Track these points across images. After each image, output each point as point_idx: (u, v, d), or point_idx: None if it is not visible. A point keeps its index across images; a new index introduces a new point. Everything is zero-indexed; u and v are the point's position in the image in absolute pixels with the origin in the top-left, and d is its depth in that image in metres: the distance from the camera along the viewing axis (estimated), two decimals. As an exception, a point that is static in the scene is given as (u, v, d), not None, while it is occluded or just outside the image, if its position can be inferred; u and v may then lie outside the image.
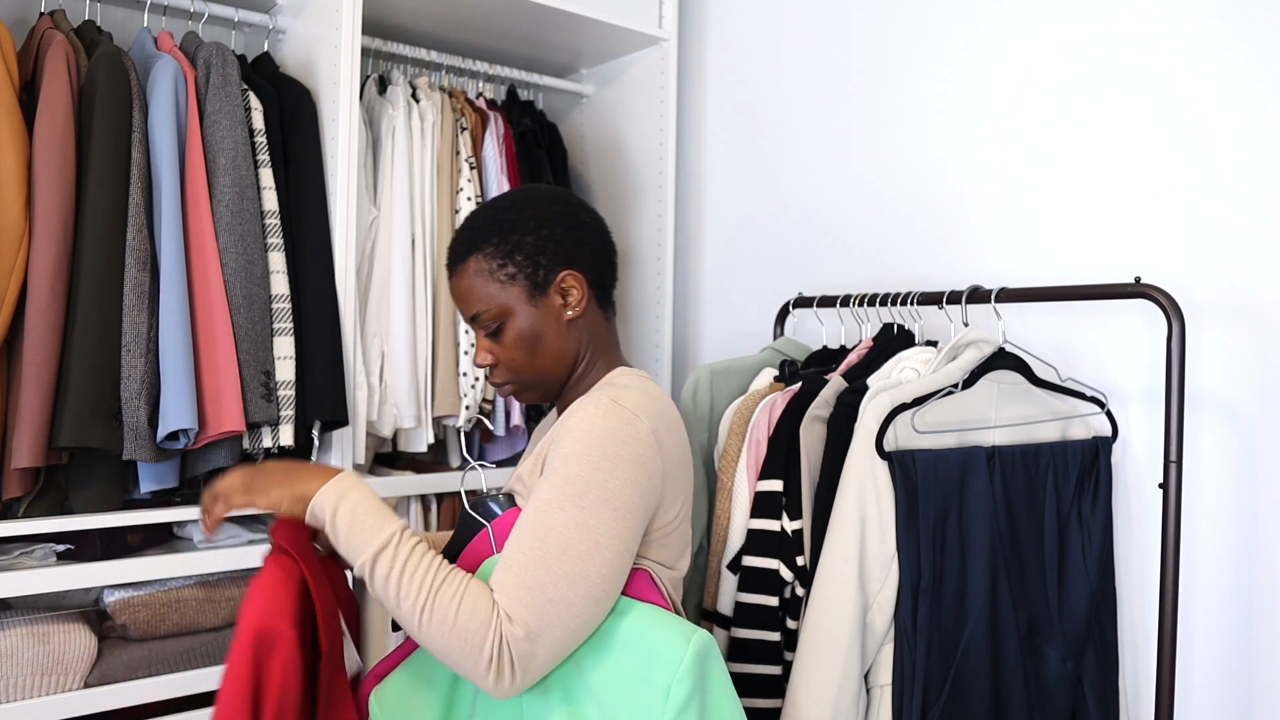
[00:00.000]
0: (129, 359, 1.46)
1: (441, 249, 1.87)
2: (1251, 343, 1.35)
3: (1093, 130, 1.52)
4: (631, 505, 1.01)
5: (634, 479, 1.01)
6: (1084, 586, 1.37)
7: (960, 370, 1.32)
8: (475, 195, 1.90)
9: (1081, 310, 1.53)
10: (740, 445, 1.42)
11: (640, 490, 1.02)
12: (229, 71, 1.63)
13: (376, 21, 1.99)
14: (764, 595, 1.32)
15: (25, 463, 1.39)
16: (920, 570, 1.22)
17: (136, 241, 1.48)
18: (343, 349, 1.67)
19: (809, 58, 2.00)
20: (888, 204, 1.84)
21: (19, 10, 1.75)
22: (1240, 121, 1.36)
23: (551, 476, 1.01)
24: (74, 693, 1.45)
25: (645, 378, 1.14)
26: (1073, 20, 1.55)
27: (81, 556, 1.50)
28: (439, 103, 1.90)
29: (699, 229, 2.27)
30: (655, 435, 1.04)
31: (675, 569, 1.13)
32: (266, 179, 1.65)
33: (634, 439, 1.02)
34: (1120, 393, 1.48)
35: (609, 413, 1.03)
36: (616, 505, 1.00)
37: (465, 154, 1.91)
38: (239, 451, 1.58)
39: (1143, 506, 1.46)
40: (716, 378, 1.55)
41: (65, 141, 1.46)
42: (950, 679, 1.23)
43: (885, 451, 1.23)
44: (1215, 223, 1.39)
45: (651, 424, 1.04)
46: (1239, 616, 1.36)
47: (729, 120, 2.19)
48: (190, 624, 1.57)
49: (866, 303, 1.63)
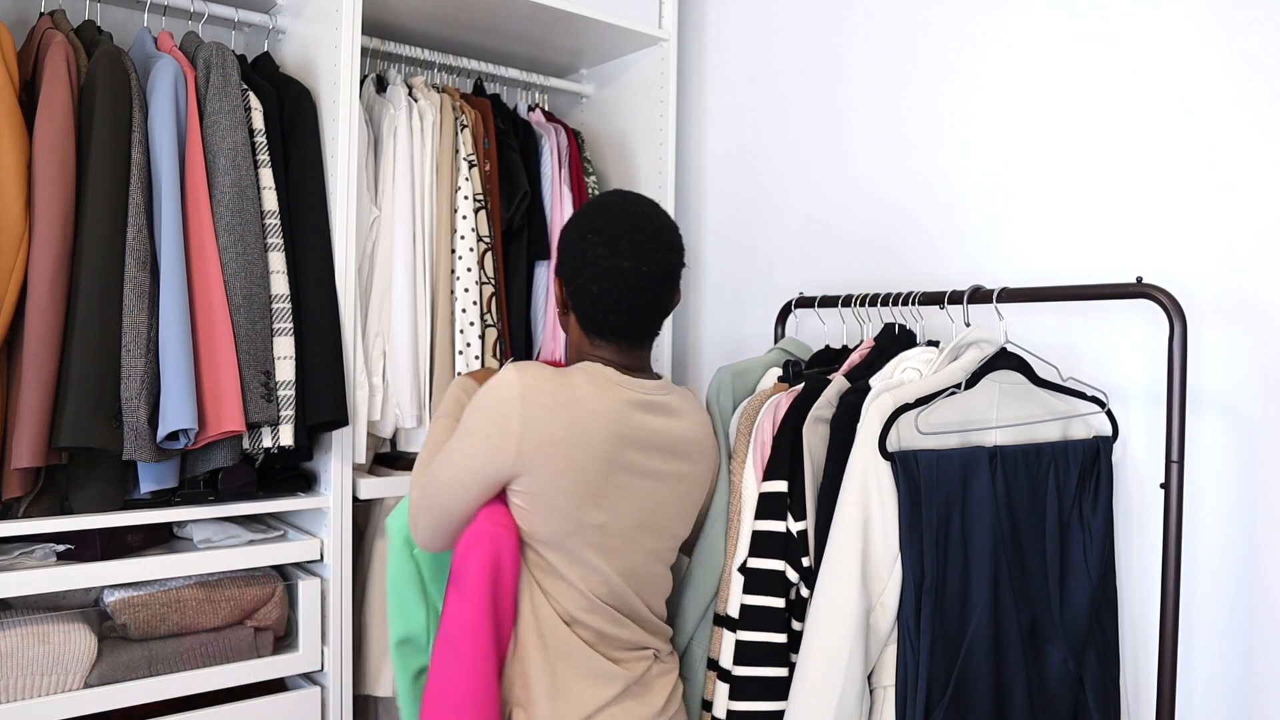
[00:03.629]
0: (129, 359, 1.45)
1: (442, 248, 1.87)
2: (1253, 343, 1.35)
3: (1094, 130, 1.52)
4: (477, 448, 1.21)
5: (485, 429, 1.21)
6: (1085, 586, 1.37)
7: (962, 370, 1.32)
8: (474, 194, 1.90)
9: (1083, 310, 1.53)
10: (746, 446, 1.42)
11: (488, 439, 1.21)
12: (229, 71, 1.63)
13: (376, 21, 1.99)
14: (769, 597, 1.32)
15: (25, 463, 1.39)
16: (923, 571, 1.22)
17: (136, 241, 1.48)
18: (343, 349, 1.67)
19: (809, 57, 2.00)
20: (889, 203, 1.84)
21: (19, 10, 1.75)
22: (1242, 121, 1.36)
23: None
24: (74, 693, 1.45)
25: (582, 371, 1.25)
26: (1074, 20, 1.55)
27: (81, 556, 1.50)
28: (438, 102, 1.90)
29: (699, 229, 2.27)
30: (523, 403, 1.19)
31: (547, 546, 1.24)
32: (266, 179, 1.65)
33: (498, 399, 1.20)
34: (1122, 393, 1.48)
35: (496, 378, 1.23)
36: (466, 444, 1.23)
37: (464, 152, 1.91)
38: (239, 451, 1.58)
39: (1144, 506, 1.46)
40: (736, 379, 1.54)
41: (65, 141, 1.46)
42: (954, 680, 1.23)
43: (888, 452, 1.23)
44: (1217, 223, 1.39)
45: (523, 394, 1.20)
46: (1240, 616, 1.36)
47: (729, 120, 2.19)
48: (190, 624, 1.56)
49: (868, 303, 1.63)
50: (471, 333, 1.85)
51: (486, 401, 1.21)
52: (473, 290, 1.86)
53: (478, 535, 1.23)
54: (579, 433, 1.20)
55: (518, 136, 2.07)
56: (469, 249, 1.87)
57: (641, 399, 1.26)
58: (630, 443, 1.24)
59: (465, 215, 1.88)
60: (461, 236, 1.87)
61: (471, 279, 1.86)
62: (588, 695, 1.24)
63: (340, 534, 1.68)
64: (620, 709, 1.26)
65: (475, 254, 1.87)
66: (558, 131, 2.11)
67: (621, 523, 1.26)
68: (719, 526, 1.42)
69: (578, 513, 1.22)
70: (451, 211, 1.90)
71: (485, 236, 1.91)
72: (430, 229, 1.87)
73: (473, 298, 1.86)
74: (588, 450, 1.21)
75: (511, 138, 2.05)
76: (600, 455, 1.21)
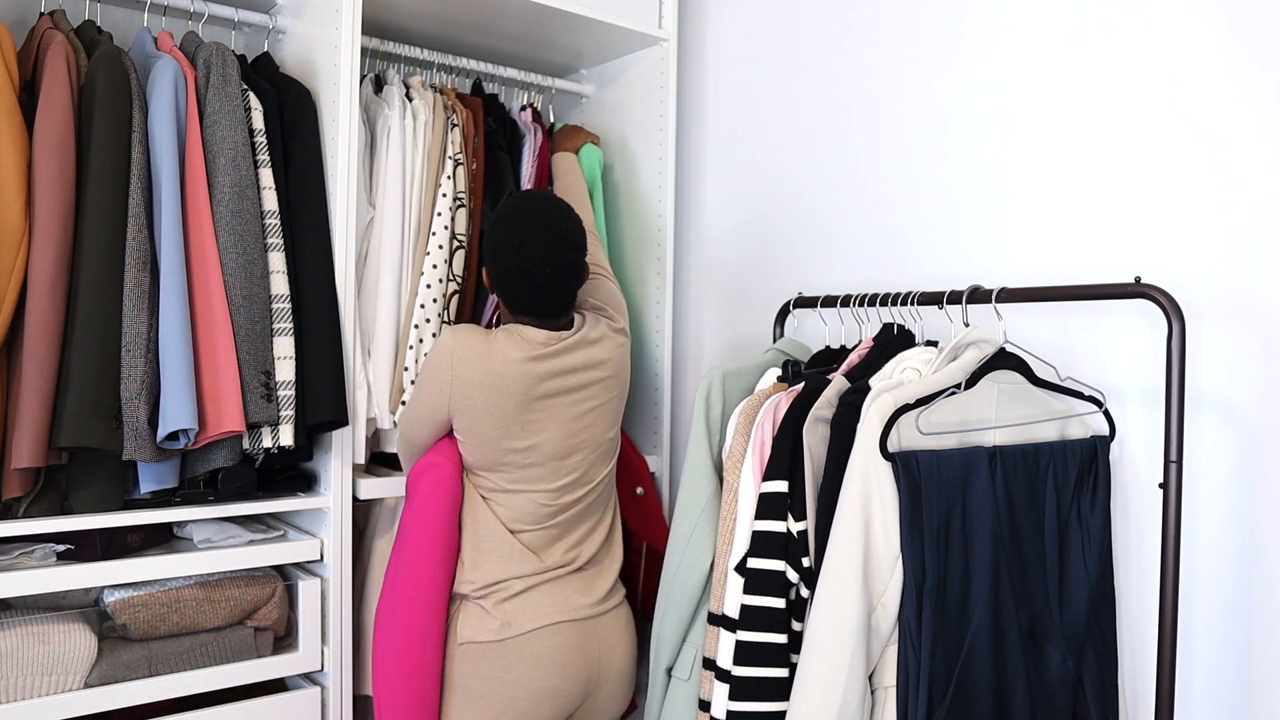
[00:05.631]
0: (129, 359, 1.45)
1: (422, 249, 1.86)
2: (1252, 343, 1.35)
3: (1093, 130, 1.53)
4: (426, 393, 1.59)
5: (429, 377, 1.59)
6: (1084, 586, 1.37)
7: (961, 370, 1.33)
8: (454, 193, 1.89)
9: (1082, 310, 1.53)
10: (745, 446, 1.42)
11: (432, 384, 1.58)
12: (229, 71, 1.63)
13: (376, 21, 1.99)
14: (770, 597, 1.32)
15: (25, 463, 1.39)
16: (924, 571, 1.22)
17: (136, 241, 1.48)
18: (343, 349, 1.67)
19: (809, 57, 2.00)
20: (888, 203, 1.84)
21: (19, 10, 1.75)
22: (1241, 121, 1.37)
23: None
24: (74, 693, 1.45)
25: (504, 330, 1.58)
26: (1074, 19, 1.55)
27: (81, 556, 1.50)
28: (431, 101, 1.90)
29: (699, 229, 2.27)
30: (452, 357, 1.55)
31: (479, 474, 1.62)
32: (266, 179, 1.65)
33: (437, 354, 1.57)
34: (1120, 393, 1.48)
35: (439, 339, 1.60)
36: (419, 391, 1.61)
37: (451, 152, 1.90)
38: (239, 451, 1.58)
39: (1143, 506, 1.46)
40: (729, 379, 1.55)
41: (65, 141, 1.46)
42: (955, 679, 1.23)
43: (889, 452, 1.23)
44: (1216, 223, 1.39)
45: (453, 350, 1.55)
46: (1239, 616, 1.37)
47: (729, 120, 2.19)
48: (190, 624, 1.57)
49: (867, 303, 1.64)
50: (426, 329, 1.82)
51: (431, 357, 1.59)
52: (435, 288, 1.84)
53: (423, 464, 1.62)
54: (495, 376, 1.54)
55: (506, 135, 2.08)
56: (439, 247, 1.85)
57: (551, 349, 1.57)
58: (543, 378, 1.56)
59: (441, 213, 1.86)
60: (434, 234, 1.85)
61: (435, 276, 1.84)
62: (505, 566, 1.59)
63: (340, 534, 1.68)
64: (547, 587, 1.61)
65: (445, 253, 1.86)
66: (537, 131, 2.10)
67: (551, 440, 1.59)
68: (685, 525, 1.44)
69: (503, 440, 1.57)
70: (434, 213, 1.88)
71: (461, 235, 1.89)
72: (415, 229, 1.86)
73: (434, 295, 1.84)
74: (503, 390, 1.54)
75: (500, 137, 2.05)
76: (516, 392, 1.55)
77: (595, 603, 1.64)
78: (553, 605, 1.59)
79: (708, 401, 1.52)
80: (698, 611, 1.47)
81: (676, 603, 1.47)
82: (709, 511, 1.46)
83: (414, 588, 1.57)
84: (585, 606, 1.63)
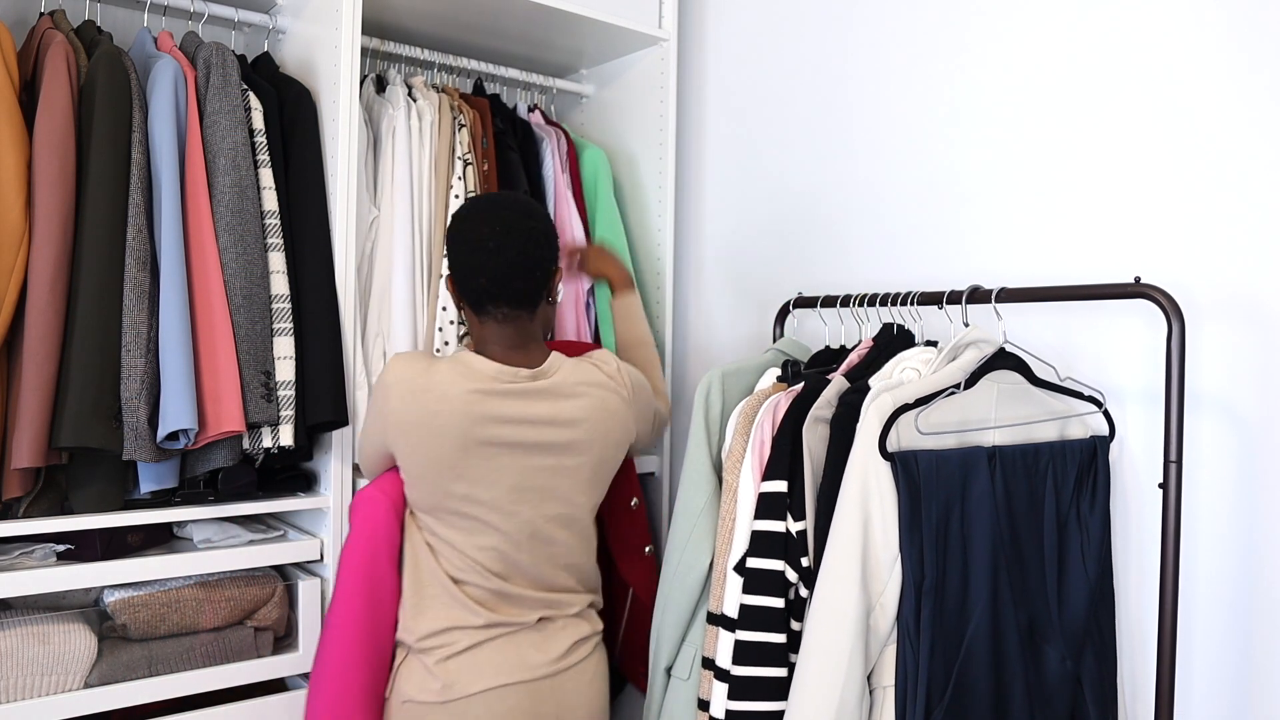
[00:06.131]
0: (129, 359, 1.45)
1: (438, 249, 1.87)
2: (1251, 343, 1.35)
3: (1093, 130, 1.52)
4: (370, 422, 1.47)
5: (372, 408, 1.47)
6: (1083, 586, 1.37)
7: (961, 370, 1.33)
8: (466, 193, 1.89)
9: (1081, 310, 1.53)
10: (744, 446, 1.42)
11: (372, 417, 1.46)
12: (229, 71, 1.63)
13: (376, 21, 1.99)
14: (769, 597, 1.32)
15: (25, 463, 1.39)
16: (923, 571, 1.22)
17: (136, 241, 1.48)
18: (343, 349, 1.67)
19: (809, 57, 2.00)
20: (888, 203, 1.84)
21: (19, 10, 1.75)
22: (1241, 121, 1.37)
23: None
24: (74, 693, 1.45)
25: (451, 360, 1.43)
26: (1074, 19, 1.55)
27: (81, 556, 1.50)
28: (436, 101, 1.90)
29: (699, 229, 2.27)
30: (390, 390, 1.41)
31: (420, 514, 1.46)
32: (266, 179, 1.65)
33: (379, 384, 1.44)
34: (1120, 393, 1.48)
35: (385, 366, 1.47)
36: (366, 414, 1.50)
37: (460, 152, 1.91)
38: (239, 451, 1.58)
39: (1142, 506, 1.46)
40: (728, 379, 1.55)
41: (65, 141, 1.46)
42: (953, 679, 1.23)
43: (888, 452, 1.23)
44: (1215, 223, 1.39)
45: (392, 382, 1.41)
46: (1238, 616, 1.36)
47: (729, 120, 2.19)
48: (190, 624, 1.57)
49: (866, 303, 1.64)
50: (450, 331, 1.84)
51: (376, 385, 1.46)
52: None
53: (359, 496, 1.51)
54: (428, 416, 1.38)
55: (516, 136, 2.08)
56: None
57: (503, 386, 1.41)
58: (486, 421, 1.39)
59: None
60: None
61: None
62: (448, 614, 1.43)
63: (340, 534, 1.68)
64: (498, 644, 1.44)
65: None
66: (558, 134, 2.12)
67: (494, 492, 1.42)
68: (685, 524, 1.44)
69: (440, 484, 1.41)
70: (446, 212, 1.90)
71: None
72: (429, 229, 1.87)
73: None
74: (437, 431, 1.38)
75: (510, 137, 2.05)
76: (452, 433, 1.38)
77: (553, 660, 1.46)
78: (502, 664, 1.42)
79: (707, 401, 1.52)
80: (697, 611, 1.47)
81: (676, 602, 1.47)
82: (709, 511, 1.46)
83: (337, 639, 1.43)
84: (541, 665, 1.45)
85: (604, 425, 1.48)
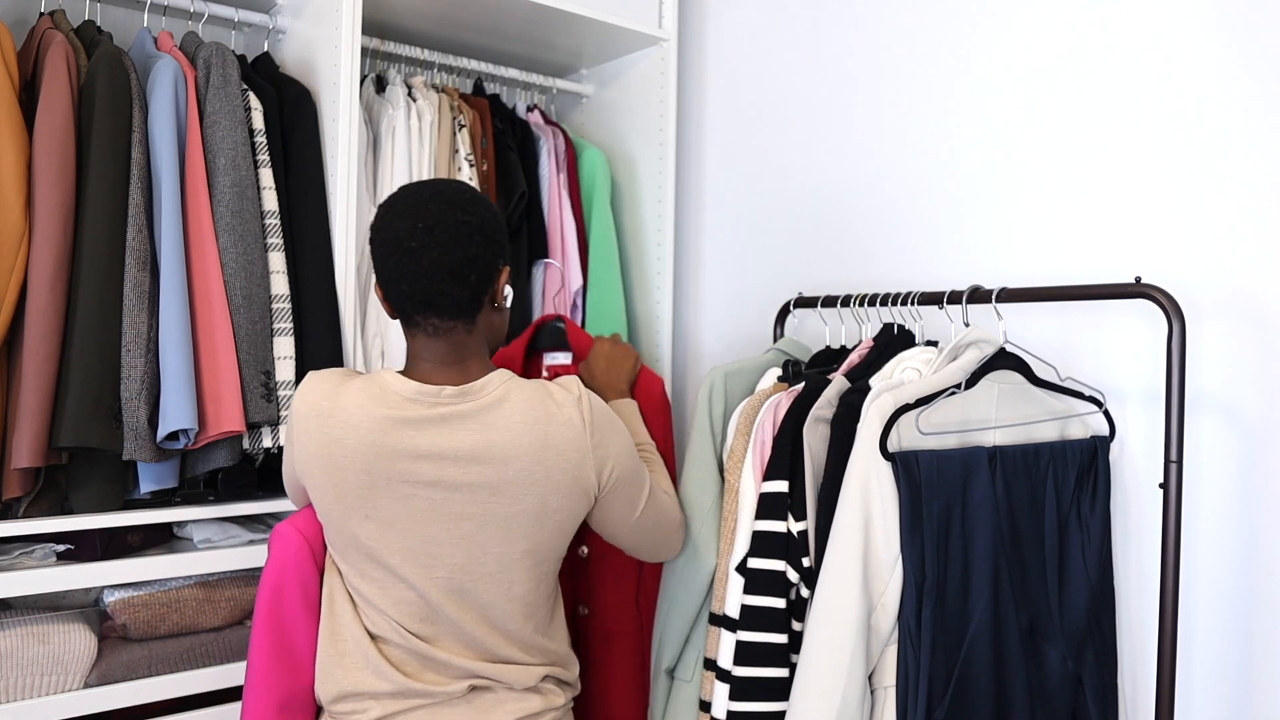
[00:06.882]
0: (129, 359, 1.45)
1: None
2: (1252, 343, 1.35)
3: (1094, 130, 1.53)
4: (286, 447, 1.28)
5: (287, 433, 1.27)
6: (1083, 586, 1.37)
7: (962, 370, 1.32)
8: None
9: (1082, 310, 1.53)
10: (746, 446, 1.42)
11: (287, 444, 1.27)
12: (229, 71, 1.63)
13: (376, 21, 1.99)
14: (770, 597, 1.32)
15: (25, 463, 1.39)
16: (924, 571, 1.22)
17: (136, 241, 1.48)
18: (343, 349, 1.67)
19: (809, 57, 2.00)
20: (888, 203, 1.84)
21: (19, 10, 1.75)
22: (1241, 121, 1.37)
23: None
24: (74, 693, 1.45)
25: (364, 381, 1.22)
26: (1074, 20, 1.55)
27: (81, 556, 1.50)
28: (436, 101, 1.90)
29: (699, 229, 2.27)
30: (297, 414, 1.23)
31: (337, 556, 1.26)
32: (266, 179, 1.65)
33: (292, 408, 1.25)
34: (1120, 393, 1.48)
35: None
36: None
37: (464, 152, 1.91)
38: (239, 451, 1.58)
39: (1143, 506, 1.46)
40: (730, 379, 1.55)
41: (65, 141, 1.46)
42: (954, 680, 1.23)
43: (889, 452, 1.23)
44: (1216, 223, 1.39)
45: (298, 406, 1.23)
46: (1239, 616, 1.36)
47: (729, 120, 2.19)
48: (190, 624, 1.57)
49: (867, 303, 1.64)
50: None
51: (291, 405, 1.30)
52: None
53: (276, 530, 1.33)
54: (331, 444, 1.18)
55: (515, 136, 2.08)
56: None
57: (414, 414, 1.17)
58: (397, 455, 1.17)
59: None
60: None
61: None
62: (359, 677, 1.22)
63: (340, 534, 1.68)
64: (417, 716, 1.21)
65: None
66: (555, 134, 2.12)
67: (407, 541, 1.19)
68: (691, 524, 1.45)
69: (346, 525, 1.20)
70: None
71: None
72: None
73: None
74: (339, 463, 1.18)
75: (510, 137, 2.05)
76: (356, 469, 1.17)
77: None
78: None
79: (710, 401, 1.52)
80: (701, 612, 1.47)
81: (682, 603, 1.46)
82: (715, 511, 1.45)
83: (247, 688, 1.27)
84: None
85: (545, 466, 1.20)
